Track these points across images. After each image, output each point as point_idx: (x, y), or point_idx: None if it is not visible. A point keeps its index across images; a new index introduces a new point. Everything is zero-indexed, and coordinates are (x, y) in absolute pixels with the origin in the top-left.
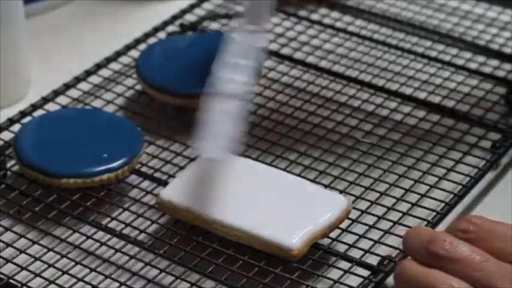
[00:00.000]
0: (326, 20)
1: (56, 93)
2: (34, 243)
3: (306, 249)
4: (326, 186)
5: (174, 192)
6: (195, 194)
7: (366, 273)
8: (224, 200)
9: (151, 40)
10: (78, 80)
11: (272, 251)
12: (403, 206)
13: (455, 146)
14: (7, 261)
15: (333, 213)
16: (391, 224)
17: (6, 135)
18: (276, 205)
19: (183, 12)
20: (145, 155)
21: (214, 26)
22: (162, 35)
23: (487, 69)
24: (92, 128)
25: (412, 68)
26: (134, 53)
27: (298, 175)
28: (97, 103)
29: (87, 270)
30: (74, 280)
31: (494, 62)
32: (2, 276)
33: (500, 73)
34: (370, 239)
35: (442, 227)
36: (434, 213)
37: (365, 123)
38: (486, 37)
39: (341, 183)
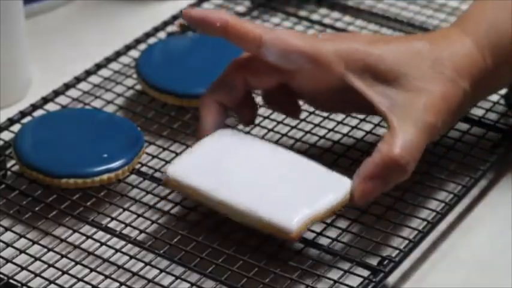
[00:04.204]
0: (326, 20)
1: (56, 93)
2: (34, 243)
3: (305, 230)
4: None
5: (180, 169)
6: (200, 172)
7: (365, 273)
8: (228, 179)
9: (151, 40)
10: (78, 80)
11: (271, 232)
12: (403, 206)
13: (455, 146)
14: (7, 261)
15: (336, 196)
16: (391, 224)
17: (6, 135)
18: (279, 185)
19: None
20: (145, 155)
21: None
22: (162, 35)
23: None
24: (92, 128)
25: None
26: (134, 53)
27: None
28: (97, 103)
29: (87, 270)
30: (74, 280)
31: None
32: (2, 276)
33: None
34: (370, 239)
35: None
36: (434, 213)
37: (365, 123)
38: None
39: None
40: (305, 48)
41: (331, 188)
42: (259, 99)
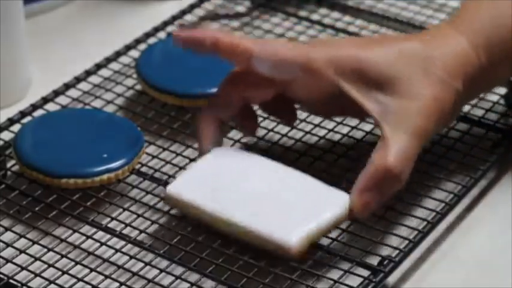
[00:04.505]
0: (326, 20)
1: (56, 93)
2: (34, 243)
3: (306, 248)
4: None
5: (180, 186)
6: (200, 190)
7: (366, 273)
8: (228, 197)
9: (151, 40)
10: (78, 80)
11: (271, 249)
12: (403, 206)
13: (455, 146)
14: (7, 261)
15: (335, 211)
16: (391, 224)
17: (6, 135)
18: (278, 203)
19: (183, 12)
20: (145, 155)
21: (214, 26)
22: (162, 35)
23: None
24: (92, 128)
25: None
26: (134, 53)
27: (302, 171)
28: (97, 103)
29: (87, 270)
30: (74, 280)
31: None
32: (2, 276)
33: None
34: (370, 239)
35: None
36: (434, 213)
37: (365, 123)
38: None
39: (341, 183)
40: (295, 57)
41: (330, 203)
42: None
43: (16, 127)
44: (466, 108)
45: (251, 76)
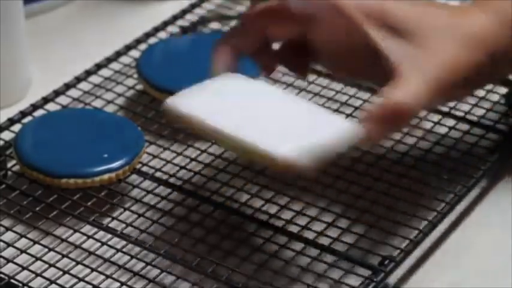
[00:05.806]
0: None
1: (57, 93)
2: (35, 243)
3: (297, 161)
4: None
5: (178, 100)
6: (199, 103)
7: (366, 272)
8: (225, 110)
9: (152, 40)
10: (78, 79)
11: (259, 160)
12: (404, 206)
13: (455, 146)
14: (8, 261)
15: (335, 134)
16: (392, 224)
17: (7, 135)
18: (278, 120)
19: (184, 12)
20: (145, 154)
21: (214, 26)
22: (162, 35)
23: None
24: (93, 128)
25: None
26: (135, 53)
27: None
28: (97, 103)
29: (88, 270)
30: (75, 280)
31: None
32: (3, 276)
33: None
34: (371, 239)
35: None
36: (435, 213)
37: None
38: None
39: (341, 182)
40: None
41: (332, 127)
42: None
43: (16, 127)
44: (466, 108)
45: (278, 11)
